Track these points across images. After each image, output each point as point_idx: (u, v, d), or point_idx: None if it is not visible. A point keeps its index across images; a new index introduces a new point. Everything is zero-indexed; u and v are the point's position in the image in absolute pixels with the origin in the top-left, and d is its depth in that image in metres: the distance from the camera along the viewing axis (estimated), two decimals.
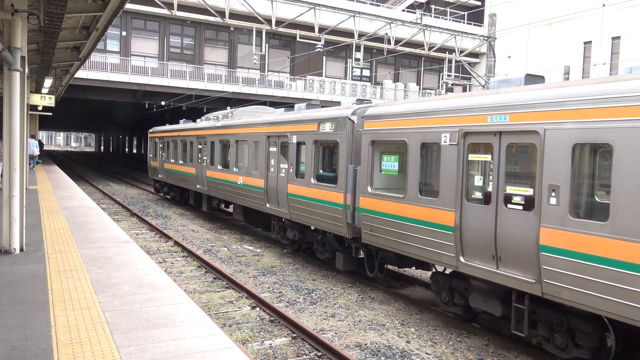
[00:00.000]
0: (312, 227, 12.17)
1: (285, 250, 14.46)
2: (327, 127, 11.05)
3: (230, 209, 20.42)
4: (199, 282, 10.86)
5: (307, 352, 7.35)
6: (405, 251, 8.93)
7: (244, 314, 8.86)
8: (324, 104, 30.54)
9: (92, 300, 6.36)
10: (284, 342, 7.67)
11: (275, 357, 7.16)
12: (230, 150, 16.34)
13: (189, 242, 15.09)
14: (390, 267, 11.08)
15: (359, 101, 11.28)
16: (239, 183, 15.35)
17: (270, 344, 7.58)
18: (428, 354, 7.53)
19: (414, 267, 10.71)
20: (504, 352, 7.75)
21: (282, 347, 7.49)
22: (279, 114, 14.08)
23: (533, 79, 7.71)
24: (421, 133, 8.53)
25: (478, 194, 7.74)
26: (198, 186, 19.42)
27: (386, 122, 9.42)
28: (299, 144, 12.19)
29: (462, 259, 7.72)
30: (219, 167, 17.23)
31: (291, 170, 12.37)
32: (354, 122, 10.34)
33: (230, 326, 8.21)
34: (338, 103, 16.25)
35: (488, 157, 7.47)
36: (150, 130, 27.29)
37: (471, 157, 7.74)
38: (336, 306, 9.53)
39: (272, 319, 8.63)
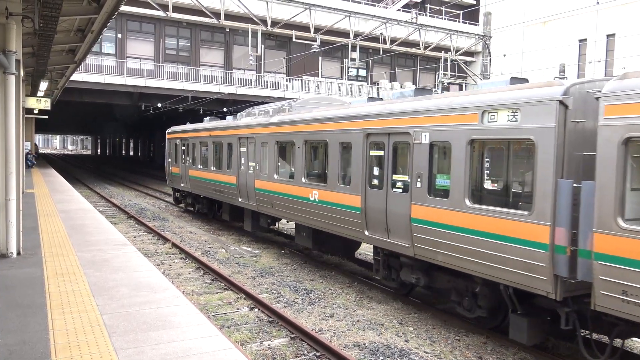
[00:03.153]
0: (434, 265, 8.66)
1: (283, 251, 14.46)
2: (505, 118, 7.16)
3: (275, 227, 17.17)
4: (197, 284, 10.85)
5: (306, 352, 7.36)
6: None
7: (242, 315, 8.86)
8: None
9: (89, 303, 6.35)
10: (282, 343, 7.68)
11: (274, 358, 7.16)
12: (296, 154, 12.35)
13: (187, 244, 15.07)
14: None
15: (516, 79, 7.92)
16: (311, 199, 11.54)
17: (269, 345, 7.59)
18: (427, 352, 7.54)
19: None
20: (503, 350, 7.77)
21: (281, 348, 7.49)
22: (378, 103, 10.31)
23: None
24: None
25: None
26: (241, 200, 15.45)
27: None
28: (434, 145, 8.36)
29: None
30: (276, 176, 13.29)
31: (418, 185, 8.52)
32: (567, 107, 6.48)
33: (228, 327, 8.21)
34: None
35: None
36: (169, 130, 23.50)
37: None
38: (335, 306, 9.53)
39: (270, 319, 8.63)
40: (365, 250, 14.22)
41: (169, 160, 23.18)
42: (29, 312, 5.94)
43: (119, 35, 34.68)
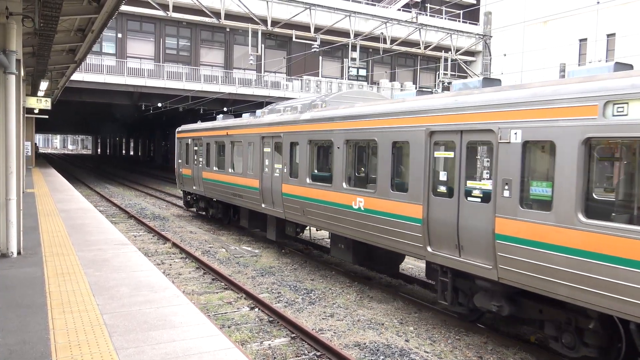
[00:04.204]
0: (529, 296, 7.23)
1: (283, 251, 14.45)
2: None
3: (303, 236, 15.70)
4: (197, 284, 10.85)
5: (306, 352, 7.36)
6: None
7: (242, 315, 8.86)
8: None
9: (90, 302, 6.35)
10: (283, 343, 7.68)
11: (275, 358, 7.16)
12: (335, 156, 10.85)
13: (187, 243, 15.08)
14: None
15: (621, 65, 6.53)
16: (355, 207, 10.16)
17: (269, 345, 7.59)
18: (427, 352, 7.54)
19: None
20: (503, 349, 7.76)
21: (281, 348, 7.49)
22: (445, 95, 8.55)
23: None
24: None
25: None
26: (264, 205, 13.93)
27: None
28: (529, 145, 6.78)
29: None
30: (309, 180, 11.82)
31: (505, 194, 6.99)
32: None
33: (229, 327, 8.21)
34: None
35: None
36: (179, 129, 21.79)
37: None
38: (335, 306, 9.54)
39: (271, 319, 8.63)
40: (408, 265, 13.16)
41: (179, 161, 21.42)
42: (29, 312, 5.94)
43: (119, 35, 34.68)
